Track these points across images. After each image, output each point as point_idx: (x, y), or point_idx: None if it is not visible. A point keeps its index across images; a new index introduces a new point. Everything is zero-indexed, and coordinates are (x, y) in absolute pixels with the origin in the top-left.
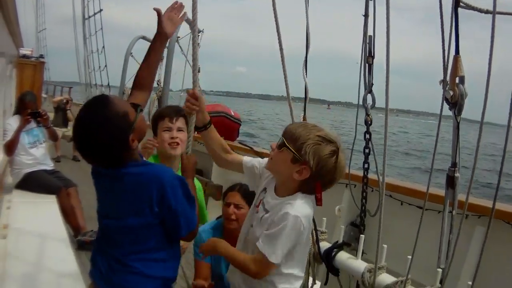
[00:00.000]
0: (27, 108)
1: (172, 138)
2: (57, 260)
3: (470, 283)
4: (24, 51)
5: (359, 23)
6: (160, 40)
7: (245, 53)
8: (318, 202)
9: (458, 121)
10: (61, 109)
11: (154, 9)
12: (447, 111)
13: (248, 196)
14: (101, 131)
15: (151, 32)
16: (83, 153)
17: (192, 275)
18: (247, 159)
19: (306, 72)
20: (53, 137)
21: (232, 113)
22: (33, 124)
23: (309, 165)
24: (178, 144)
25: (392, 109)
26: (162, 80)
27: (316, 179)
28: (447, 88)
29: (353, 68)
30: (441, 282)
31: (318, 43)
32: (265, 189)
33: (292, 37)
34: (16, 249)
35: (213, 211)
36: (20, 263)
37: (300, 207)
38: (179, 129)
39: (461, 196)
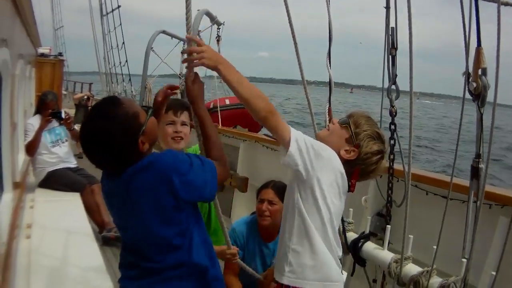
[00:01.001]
0: (48, 107)
1: (176, 132)
2: (83, 257)
3: (494, 273)
4: (42, 50)
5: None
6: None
7: (267, 38)
8: (352, 187)
9: (482, 112)
10: (82, 105)
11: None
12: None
13: (282, 192)
14: (110, 131)
15: (171, 24)
16: (90, 155)
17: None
18: None
19: (330, 64)
20: (77, 138)
21: None
22: (55, 123)
23: (360, 149)
24: (182, 138)
25: (414, 92)
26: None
27: (356, 165)
28: (470, 80)
29: (378, 52)
30: (465, 272)
31: (342, 25)
32: None
33: (317, 16)
34: (41, 248)
35: (239, 203)
36: (45, 261)
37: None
38: (183, 123)
39: (487, 187)
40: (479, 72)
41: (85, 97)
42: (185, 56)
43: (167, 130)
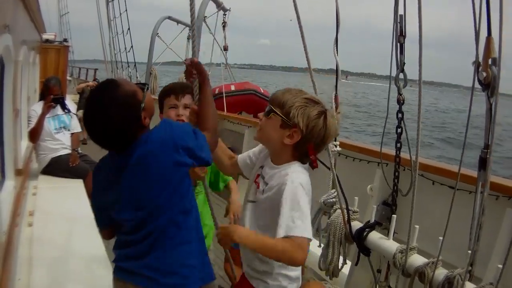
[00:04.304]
0: (51, 92)
1: (178, 115)
2: (85, 244)
3: (500, 266)
4: (47, 36)
5: None
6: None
7: (269, 26)
8: (314, 163)
9: (491, 102)
10: (86, 92)
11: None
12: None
13: None
14: (114, 111)
15: (176, 11)
16: (96, 137)
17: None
18: (240, 156)
19: (337, 50)
20: (78, 142)
21: (262, 91)
22: (59, 110)
23: (299, 127)
24: (184, 121)
25: (414, 80)
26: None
27: (307, 142)
28: (479, 70)
29: (378, 39)
30: (471, 264)
31: (342, 11)
32: (261, 166)
33: (318, 5)
34: (43, 235)
35: (243, 188)
36: (47, 249)
37: (297, 174)
38: (186, 106)
39: (494, 178)
40: (489, 62)
41: (89, 88)
42: (191, 42)
43: (170, 114)
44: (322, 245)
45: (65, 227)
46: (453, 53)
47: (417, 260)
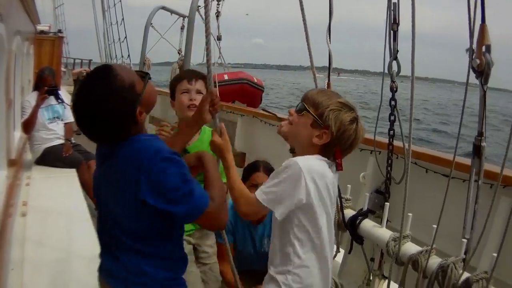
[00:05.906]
0: (45, 83)
1: (191, 100)
2: (78, 233)
3: (495, 254)
4: (41, 27)
5: None
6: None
7: (262, 25)
8: (339, 167)
9: (485, 90)
10: (80, 81)
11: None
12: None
13: (271, 172)
14: (106, 104)
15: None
16: (84, 128)
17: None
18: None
19: (329, 38)
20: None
21: (255, 80)
22: (53, 100)
23: (330, 129)
24: (196, 106)
25: (406, 76)
26: (183, 50)
27: (335, 145)
28: (473, 57)
29: (371, 36)
30: (465, 253)
31: (335, 10)
32: None
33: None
34: (36, 225)
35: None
36: (40, 239)
37: (306, 159)
38: (198, 92)
39: (489, 166)
40: (483, 49)
41: (84, 73)
42: (185, 32)
43: (182, 99)
44: None
45: (58, 217)
46: (447, 50)
47: (410, 248)
